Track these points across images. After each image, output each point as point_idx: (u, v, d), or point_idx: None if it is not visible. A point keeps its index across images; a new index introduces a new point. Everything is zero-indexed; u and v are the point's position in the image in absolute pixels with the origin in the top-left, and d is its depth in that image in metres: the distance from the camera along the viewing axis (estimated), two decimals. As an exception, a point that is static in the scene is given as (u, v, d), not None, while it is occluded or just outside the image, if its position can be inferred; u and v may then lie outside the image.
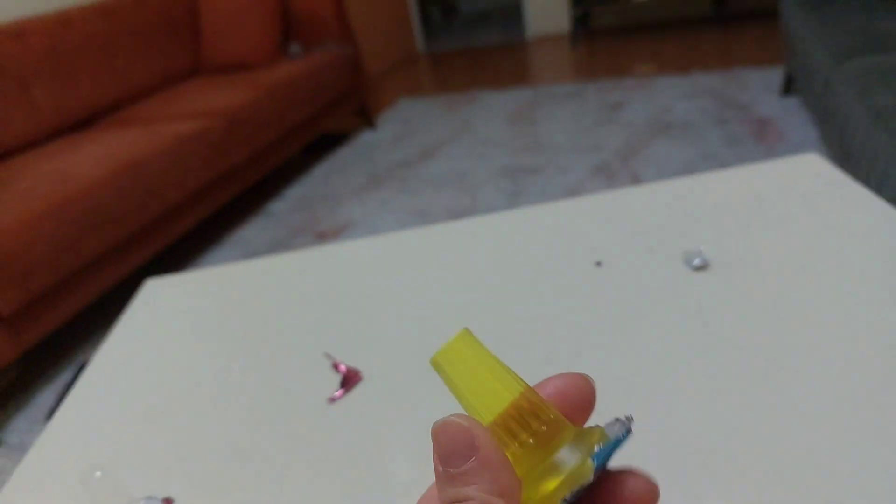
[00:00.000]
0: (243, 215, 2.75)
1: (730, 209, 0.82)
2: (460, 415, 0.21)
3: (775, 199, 0.82)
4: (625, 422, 0.21)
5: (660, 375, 0.59)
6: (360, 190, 2.76)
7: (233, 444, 0.62)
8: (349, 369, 0.68)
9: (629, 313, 0.68)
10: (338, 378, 0.67)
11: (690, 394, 0.56)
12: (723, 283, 0.69)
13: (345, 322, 0.77)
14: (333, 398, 0.65)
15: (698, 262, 0.72)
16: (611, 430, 0.21)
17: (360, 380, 0.66)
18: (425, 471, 0.55)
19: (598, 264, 0.77)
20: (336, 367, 0.68)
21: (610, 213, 0.87)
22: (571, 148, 2.74)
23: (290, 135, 2.86)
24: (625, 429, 0.21)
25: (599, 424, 0.22)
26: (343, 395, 0.65)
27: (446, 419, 0.21)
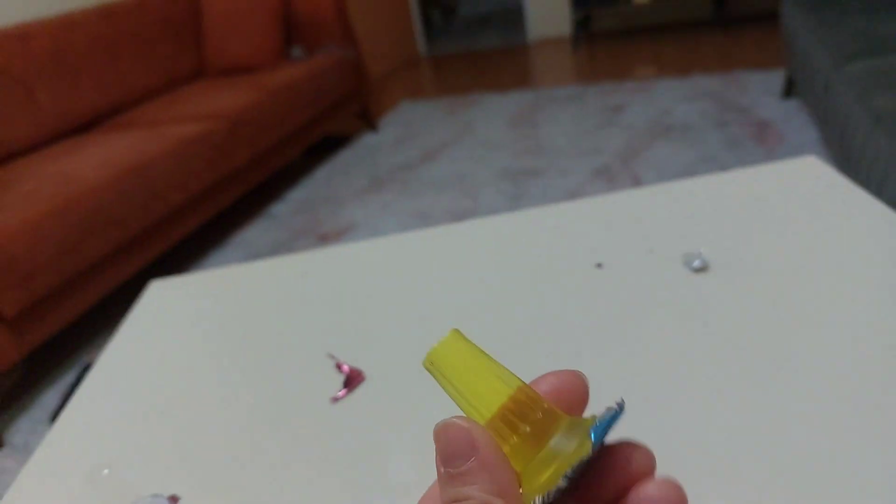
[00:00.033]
0: (245, 217, 2.76)
1: (729, 211, 0.83)
2: (461, 416, 0.22)
3: (774, 202, 0.83)
4: (618, 404, 0.22)
5: (660, 376, 0.59)
6: (362, 192, 2.77)
7: (237, 442, 0.63)
8: (352, 369, 0.68)
9: (629, 315, 0.69)
10: (341, 378, 0.68)
11: (690, 394, 0.57)
12: (722, 284, 0.70)
13: (347, 323, 0.78)
14: (336, 398, 0.66)
15: (698, 263, 0.73)
16: (603, 417, 0.22)
17: (362, 380, 0.67)
18: (427, 470, 0.55)
19: (598, 266, 0.78)
20: (339, 368, 0.69)
21: (610, 216, 0.88)
22: (572, 150, 2.75)
23: (293, 137, 2.88)
24: (618, 406, 0.22)
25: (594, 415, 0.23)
26: (346, 395, 0.66)
27: (447, 421, 0.22)
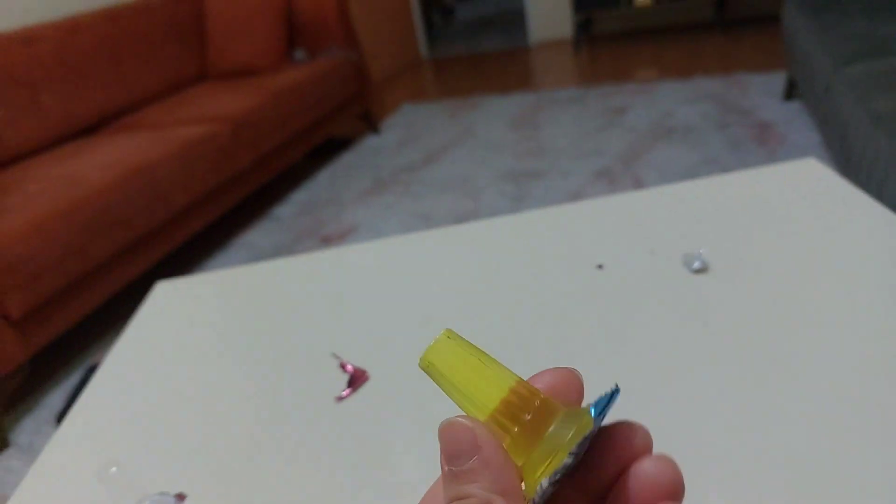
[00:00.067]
0: (249, 219, 2.78)
1: (729, 213, 0.84)
2: (465, 416, 0.22)
3: (774, 204, 0.84)
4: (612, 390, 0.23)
5: (659, 376, 0.60)
6: (365, 194, 2.78)
7: (243, 441, 0.64)
8: (356, 369, 0.69)
9: (630, 315, 0.69)
10: (345, 378, 0.69)
11: (690, 394, 0.58)
12: (722, 285, 0.71)
13: (351, 323, 0.79)
14: (341, 397, 0.67)
15: (698, 265, 0.74)
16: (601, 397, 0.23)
17: (366, 379, 0.68)
18: (430, 467, 0.56)
19: (599, 267, 0.79)
20: (343, 367, 0.70)
21: (610, 217, 0.89)
22: (574, 152, 2.75)
23: (296, 139, 2.89)
24: (614, 389, 0.22)
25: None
26: (350, 395, 0.67)
27: (451, 420, 0.22)
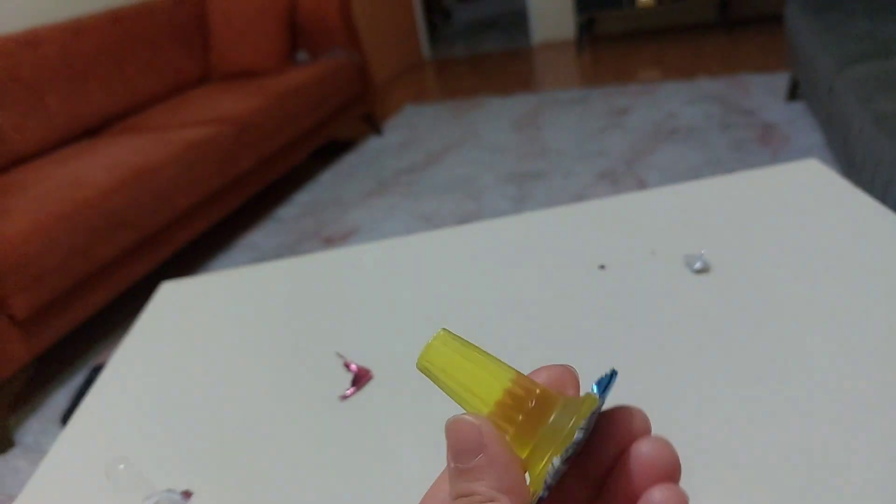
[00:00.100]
0: (252, 220, 2.78)
1: (730, 214, 0.84)
2: (472, 413, 0.22)
3: (775, 204, 0.84)
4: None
5: (661, 375, 0.61)
6: (367, 195, 2.79)
7: (248, 439, 0.65)
8: (360, 368, 0.70)
9: (631, 315, 0.70)
10: (349, 377, 0.69)
11: (690, 393, 0.58)
12: (723, 285, 0.71)
13: (355, 323, 0.79)
14: (345, 396, 0.67)
15: (699, 265, 0.74)
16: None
17: (370, 378, 0.69)
18: (433, 464, 0.57)
19: (601, 267, 0.79)
20: (347, 367, 0.71)
21: (612, 218, 0.89)
22: (577, 153, 2.76)
23: (298, 141, 2.90)
24: (611, 370, 0.23)
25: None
26: (354, 393, 0.67)
27: (458, 417, 0.22)
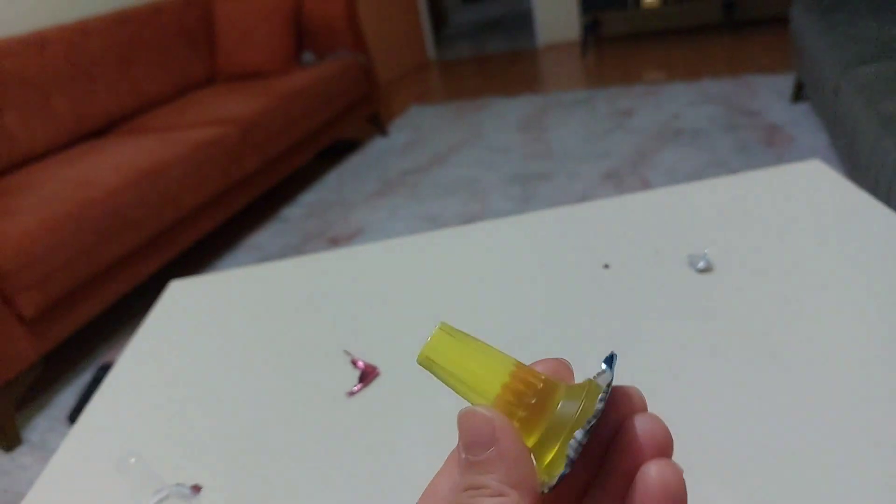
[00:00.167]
0: (257, 221, 2.80)
1: (733, 214, 0.84)
2: (485, 406, 0.22)
3: (778, 205, 0.84)
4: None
5: (664, 374, 0.61)
6: (372, 196, 2.80)
7: (257, 435, 0.65)
8: (367, 365, 0.71)
9: (635, 314, 0.70)
10: (356, 373, 0.70)
11: (694, 393, 0.58)
12: (725, 284, 0.72)
13: (362, 321, 0.80)
14: (352, 392, 0.68)
15: (702, 264, 0.75)
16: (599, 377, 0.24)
17: (377, 375, 0.69)
18: (438, 460, 0.57)
19: (605, 266, 0.80)
20: (354, 364, 0.72)
21: (616, 218, 0.90)
22: (581, 155, 2.76)
23: (304, 142, 2.91)
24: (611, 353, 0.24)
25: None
26: (361, 390, 0.68)
27: (471, 408, 0.22)
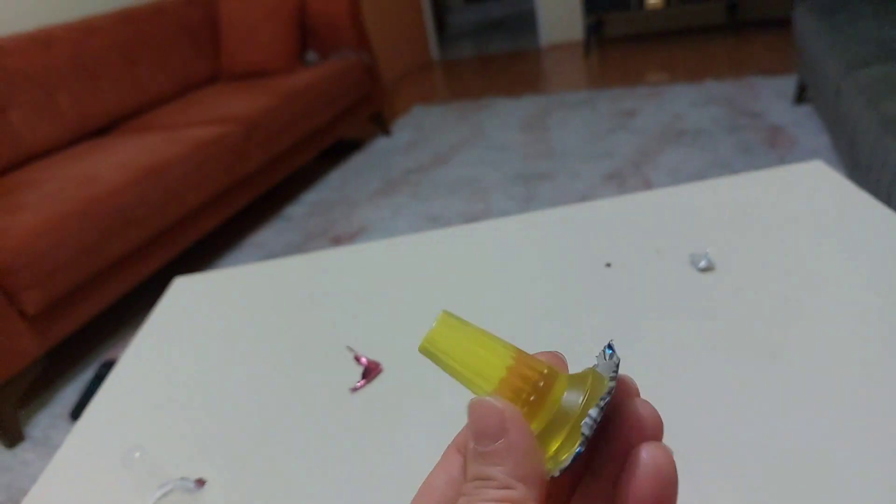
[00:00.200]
0: (260, 219, 2.80)
1: (735, 214, 0.85)
2: (497, 397, 0.22)
3: (779, 205, 0.85)
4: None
5: (665, 372, 0.62)
6: (375, 195, 2.81)
7: (260, 430, 0.66)
8: (370, 362, 0.71)
9: (637, 313, 0.71)
10: (359, 370, 0.71)
11: (695, 391, 0.59)
12: (727, 284, 0.72)
13: (365, 318, 0.81)
14: (356, 388, 0.69)
15: (704, 263, 0.75)
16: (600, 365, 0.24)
17: (380, 371, 0.70)
18: (440, 456, 0.58)
19: (607, 265, 0.80)
20: (358, 360, 0.72)
21: (618, 217, 0.91)
22: (584, 155, 2.76)
23: (307, 141, 2.92)
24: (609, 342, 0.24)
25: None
26: (364, 386, 0.69)
27: (482, 398, 0.22)
